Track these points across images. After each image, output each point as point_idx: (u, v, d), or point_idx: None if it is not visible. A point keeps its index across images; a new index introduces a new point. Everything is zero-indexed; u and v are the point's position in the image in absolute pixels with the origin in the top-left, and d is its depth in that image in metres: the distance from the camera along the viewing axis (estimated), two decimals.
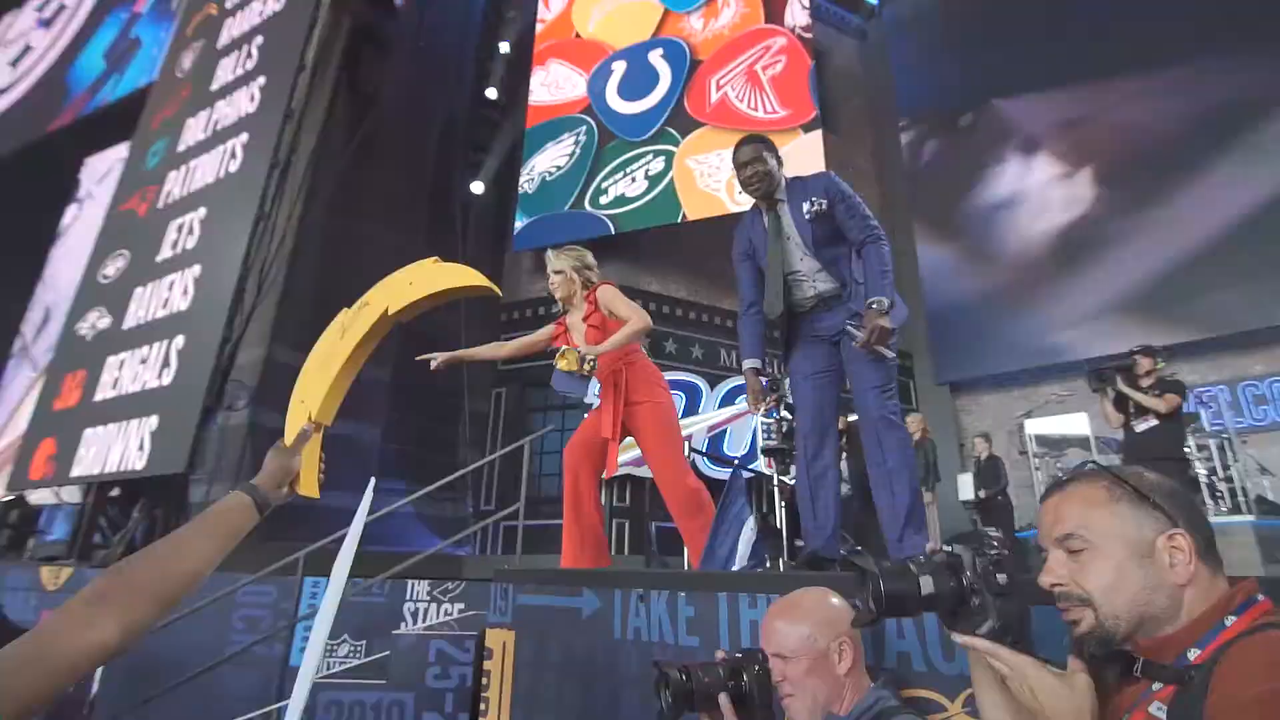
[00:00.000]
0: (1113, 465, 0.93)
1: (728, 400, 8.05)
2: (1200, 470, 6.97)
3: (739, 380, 7.97)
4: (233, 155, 6.76)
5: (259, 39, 7.46)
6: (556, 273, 2.96)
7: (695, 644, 1.83)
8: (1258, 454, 7.44)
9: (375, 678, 2.79)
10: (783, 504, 5.22)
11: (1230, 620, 0.78)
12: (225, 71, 7.65)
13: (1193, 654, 0.78)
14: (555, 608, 2.24)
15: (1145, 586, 0.82)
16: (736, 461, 7.17)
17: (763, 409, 2.49)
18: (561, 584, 2.25)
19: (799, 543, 5.46)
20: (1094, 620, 0.84)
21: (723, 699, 1.30)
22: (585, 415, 3.65)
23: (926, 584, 0.95)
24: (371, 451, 7.44)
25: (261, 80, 6.96)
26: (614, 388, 2.79)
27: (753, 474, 7.50)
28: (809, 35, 8.30)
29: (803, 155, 7.78)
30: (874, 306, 2.14)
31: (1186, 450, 6.72)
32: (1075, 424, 8.19)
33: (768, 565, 5.13)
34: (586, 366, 2.53)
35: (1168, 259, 8.46)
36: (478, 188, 8.92)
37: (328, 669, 3.63)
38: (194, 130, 7.55)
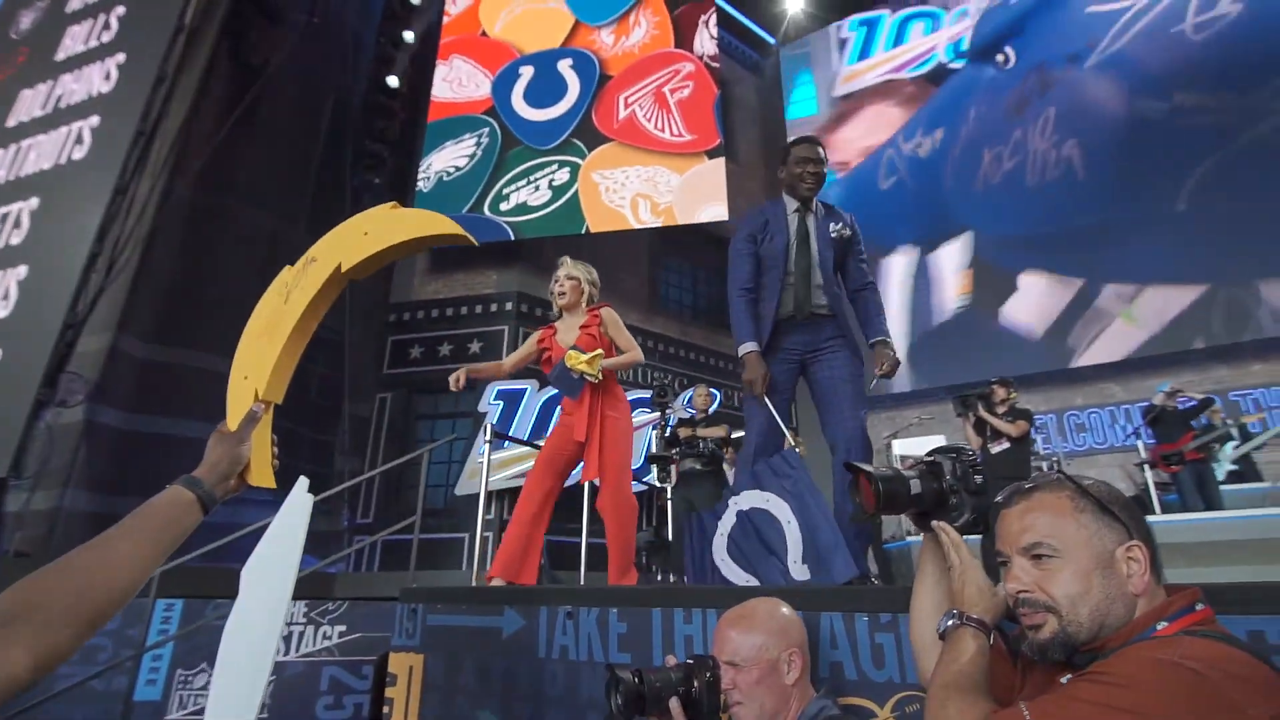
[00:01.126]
0: (1075, 475, 0.96)
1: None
2: None
3: (641, 394, 7.99)
4: (78, 140, 5.99)
5: (120, 9, 6.63)
6: (570, 279, 3.07)
7: (626, 660, 1.80)
8: (1077, 475, 8.55)
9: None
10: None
11: (1161, 625, 0.84)
12: (75, 41, 6.75)
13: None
14: (472, 628, 2.13)
15: (1105, 597, 0.86)
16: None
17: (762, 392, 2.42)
18: (481, 602, 2.14)
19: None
20: (1057, 627, 0.88)
21: (673, 703, 1.29)
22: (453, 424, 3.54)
23: (915, 485, 1.14)
24: None
25: (121, 57, 6.19)
26: (593, 397, 2.90)
27: (646, 486, 7.59)
28: (716, 65, 8.63)
29: (705, 180, 8.04)
30: (888, 341, 2.44)
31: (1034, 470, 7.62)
32: (935, 444, 8.98)
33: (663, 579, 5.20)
34: (598, 374, 2.80)
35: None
36: (371, 178, 8.41)
37: (184, 705, 3.21)
38: (29, 104, 6.60)
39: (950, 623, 1.02)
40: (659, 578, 5.71)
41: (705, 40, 8.63)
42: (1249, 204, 8.12)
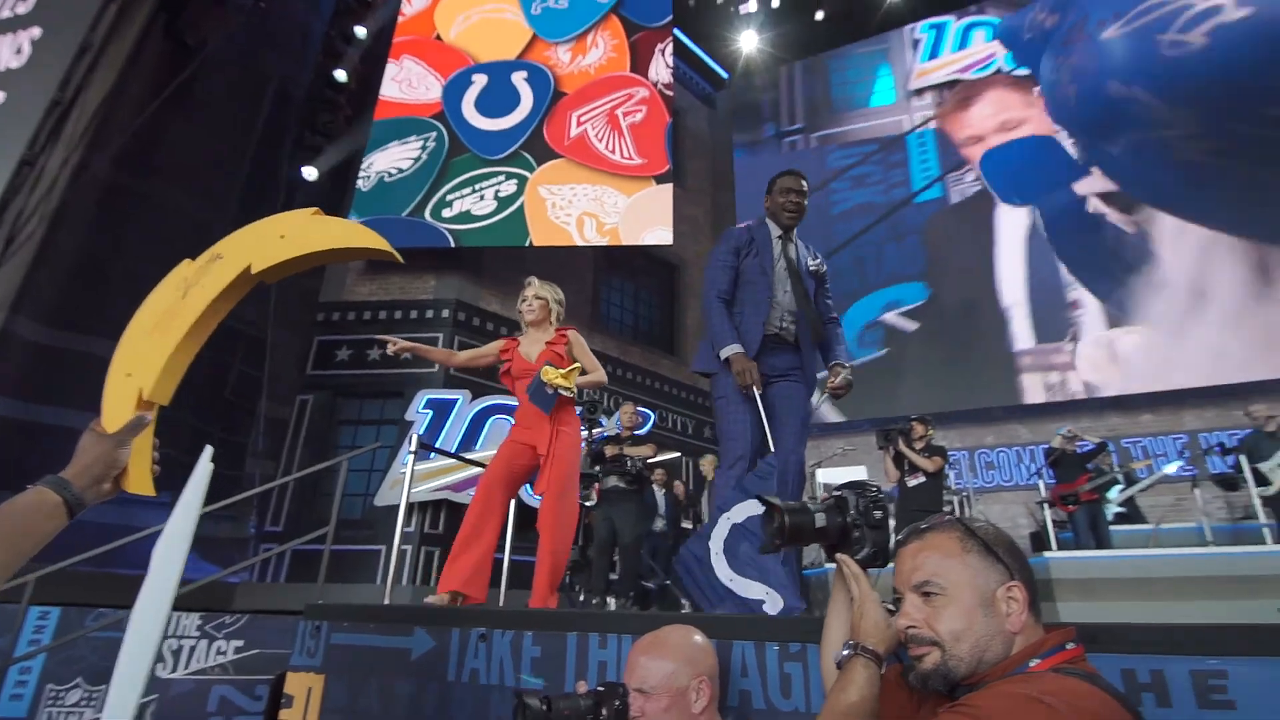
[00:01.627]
0: (964, 517, 1.04)
1: None
2: None
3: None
4: None
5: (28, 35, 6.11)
6: (538, 298, 3.17)
7: (538, 686, 1.78)
8: (984, 509, 9.03)
9: None
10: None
11: (1034, 662, 0.90)
12: None
13: None
14: (380, 649, 2.05)
15: (985, 634, 0.92)
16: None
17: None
18: (390, 621, 2.06)
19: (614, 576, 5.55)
20: (939, 659, 0.93)
21: None
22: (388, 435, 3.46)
23: (820, 519, 1.18)
24: None
25: (36, 32, 5.72)
26: (554, 413, 2.97)
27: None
28: (670, 93, 8.81)
29: (652, 204, 8.15)
30: (848, 365, 2.59)
31: (946, 505, 8.00)
32: (857, 474, 9.33)
33: (584, 598, 5.16)
34: (574, 389, 2.90)
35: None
36: (310, 172, 8.10)
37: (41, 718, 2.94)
38: None
39: (846, 653, 1.07)
40: (580, 598, 5.65)
41: (661, 68, 8.81)
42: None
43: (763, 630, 1.61)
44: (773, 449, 2.37)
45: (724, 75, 12.73)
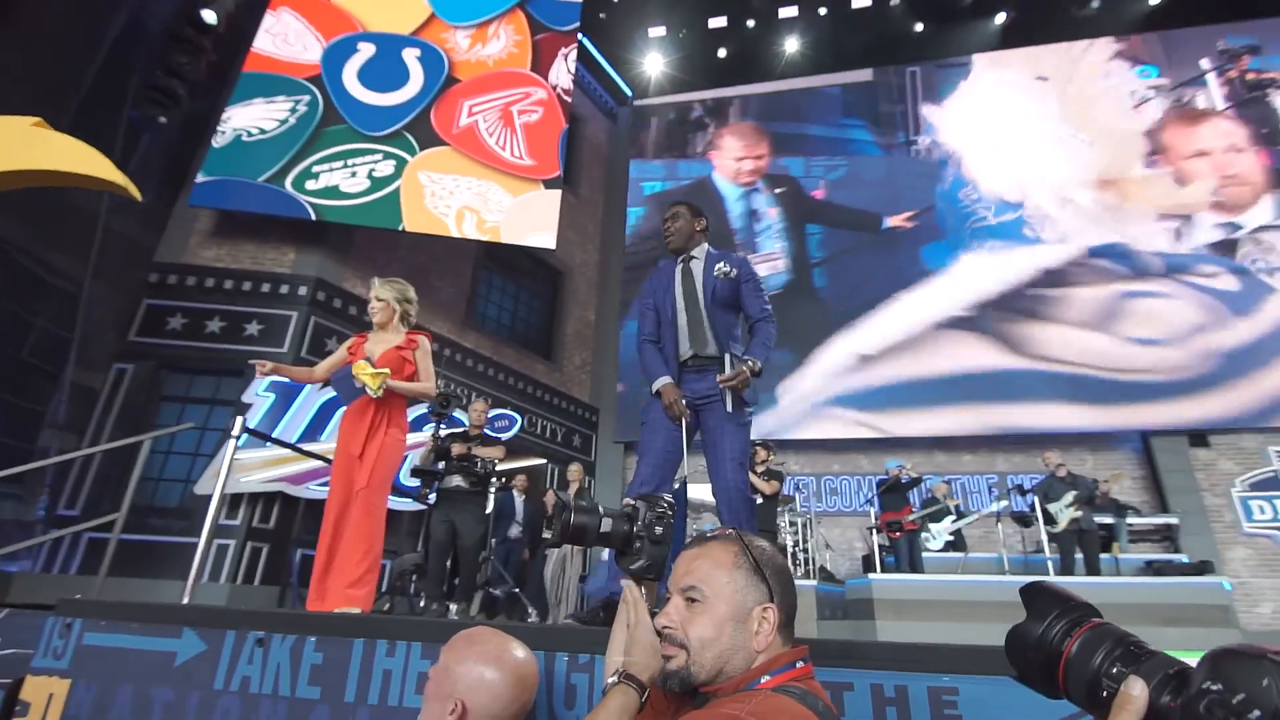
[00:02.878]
0: (747, 534, 1.07)
1: (415, 427, 7.67)
2: (789, 541, 8.78)
3: (421, 409, 7.54)
4: None
5: None
6: (378, 299, 3.16)
7: (315, 695, 1.66)
8: (825, 533, 9.67)
9: None
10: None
11: (765, 679, 0.95)
12: None
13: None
14: (138, 651, 1.82)
15: (730, 646, 0.97)
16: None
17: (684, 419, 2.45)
18: (156, 621, 1.85)
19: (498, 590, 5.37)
20: (683, 663, 0.98)
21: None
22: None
23: (606, 524, 1.19)
24: None
25: None
26: (376, 413, 2.99)
27: (426, 506, 7.19)
28: (569, 99, 8.76)
29: (538, 207, 8.05)
30: (749, 361, 2.45)
31: (779, 525, 8.48)
32: (708, 492, 9.65)
33: (425, 605, 4.93)
34: (380, 391, 2.89)
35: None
36: (156, 115, 7.24)
37: None
38: None
39: (610, 679, 1.08)
40: (421, 604, 5.39)
41: (562, 73, 8.75)
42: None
43: (554, 640, 1.60)
44: (684, 476, 2.45)
45: (628, 93, 12.94)
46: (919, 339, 10.28)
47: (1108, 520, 7.63)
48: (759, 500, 5.41)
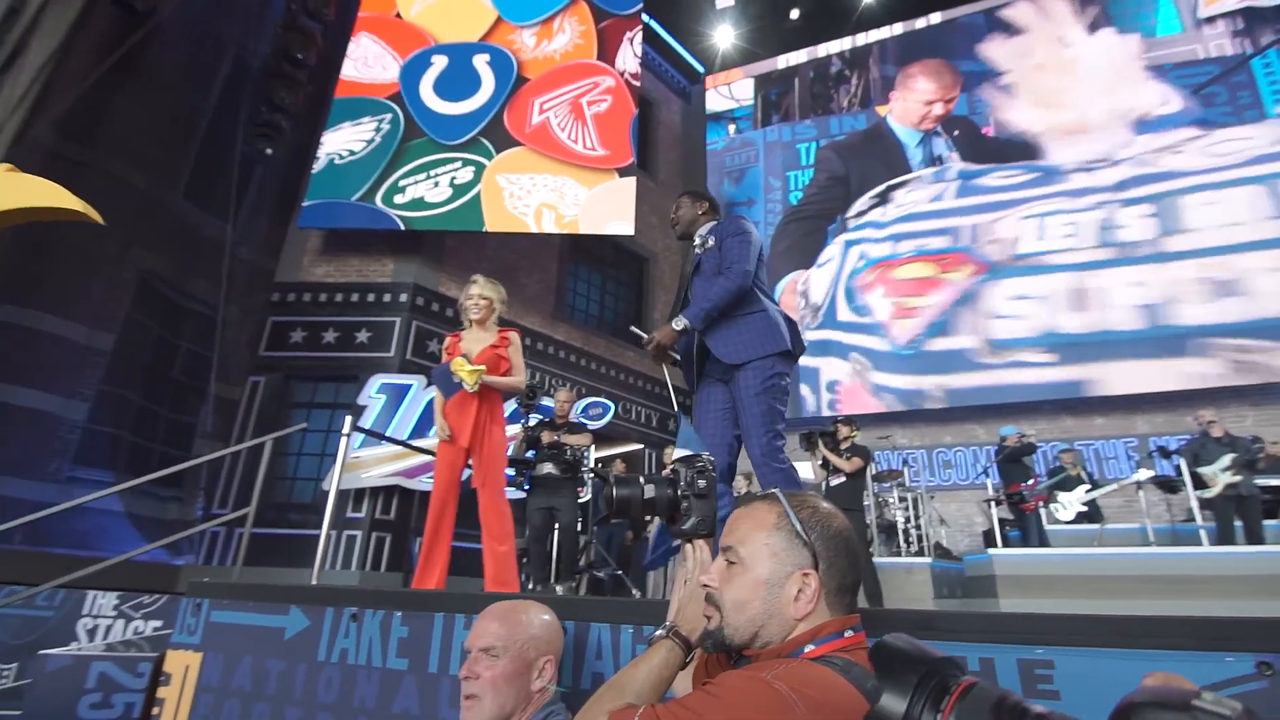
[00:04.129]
0: (796, 495, 1.01)
1: (515, 418, 7.99)
2: (899, 518, 8.39)
3: (511, 403, 7.84)
4: None
5: None
6: (484, 298, 3.30)
7: (403, 666, 1.76)
8: (941, 508, 9.16)
9: (7, 708, 2.25)
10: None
11: (809, 647, 0.90)
12: None
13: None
14: (255, 627, 2.01)
15: (765, 611, 0.93)
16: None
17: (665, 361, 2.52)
18: (268, 600, 2.03)
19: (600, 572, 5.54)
20: (718, 624, 0.95)
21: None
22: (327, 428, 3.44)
23: (649, 490, 1.19)
24: (69, 431, 6.10)
25: None
26: (479, 408, 3.12)
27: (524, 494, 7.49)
28: (637, 83, 8.72)
29: (613, 197, 8.08)
30: (673, 322, 2.38)
31: (889, 500, 8.11)
32: (805, 471, 9.42)
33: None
34: (475, 386, 3.03)
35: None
36: (264, 148, 7.92)
37: None
38: None
39: (658, 632, 1.07)
40: (530, 586, 5.63)
41: (629, 58, 8.71)
42: None
43: (619, 613, 1.60)
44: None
45: (700, 69, 12.72)
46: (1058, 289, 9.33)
47: (1273, 483, 6.69)
48: (841, 479, 5.20)
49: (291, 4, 8.25)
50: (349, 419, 3.70)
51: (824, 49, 12.42)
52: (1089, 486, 7.22)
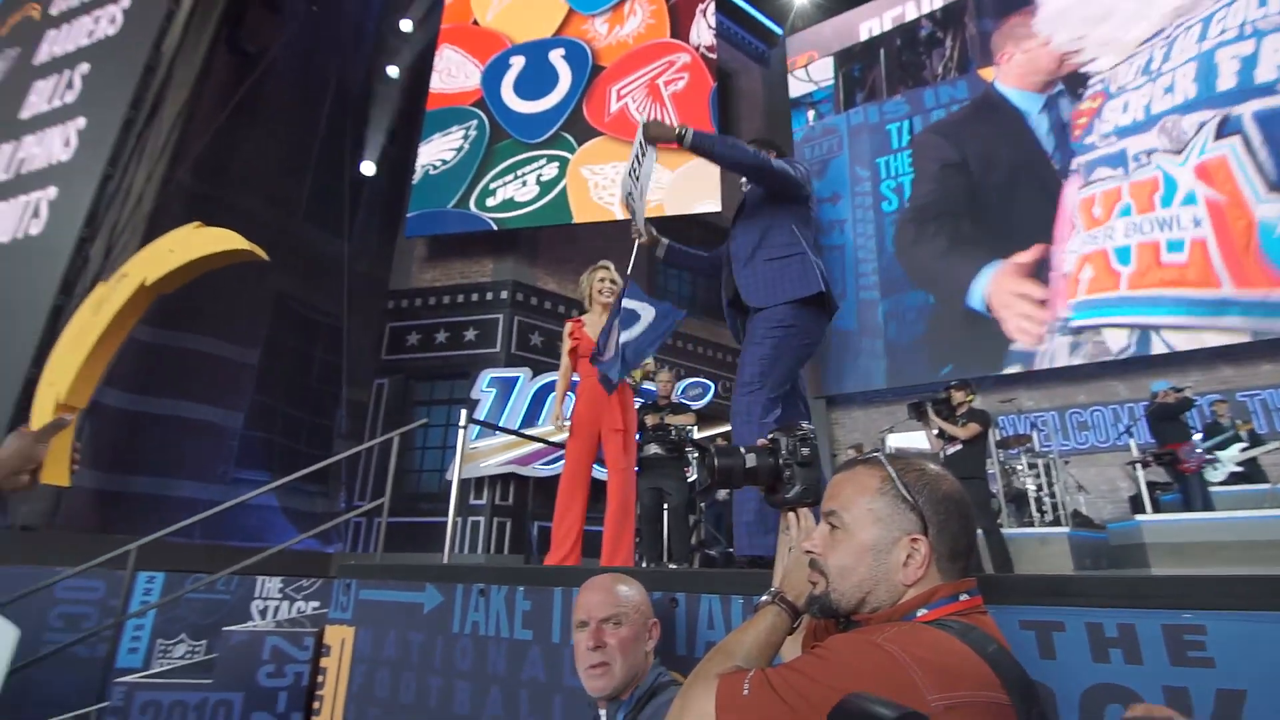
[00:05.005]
0: (902, 458, 0.97)
1: None
2: (1030, 486, 7.84)
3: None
4: (35, 213, 5.96)
5: (84, 66, 6.54)
6: (614, 282, 3.40)
7: (529, 636, 1.88)
8: (1077, 473, 8.45)
9: (200, 677, 2.63)
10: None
11: (922, 611, 0.87)
12: (39, 98, 6.73)
13: None
14: (397, 603, 2.22)
15: (871, 577, 0.90)
16: None
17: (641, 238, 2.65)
18: (405, 579, 2.22)
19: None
20: (824, 589, 0.94)
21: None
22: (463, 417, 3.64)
23: (750, 459, 1.17)
24: (231, 438, 6.91)
25: (81, 123, 6.16)
26: (623, 393, 3.18)
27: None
28: (713, 56, 8.54)
29: (698, 176, 7.99)
30: (690, 134, 2.23)
31: (1017, 468, 7.58)
32: (919, 442, 8.96)
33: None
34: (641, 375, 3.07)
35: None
36: (369, 168, 8.52)
37: (155, 668, 3.37)
38: None
39: (764, 598, 1.07)
40: (644, 565, 5.79)
41: (702, 30, 8.55)
42: None
43: (729, 584, 1.63)
44: None
45: (778, 31, 12.26)
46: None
47: None
48: (958, 447, 4.91)
49: (380, 26, 8.76)
50: (464, 413, 3.96)
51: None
52: (1246, 445, 6.43)
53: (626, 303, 3.06)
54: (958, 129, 10.33)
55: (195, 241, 1.23)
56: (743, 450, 1.19)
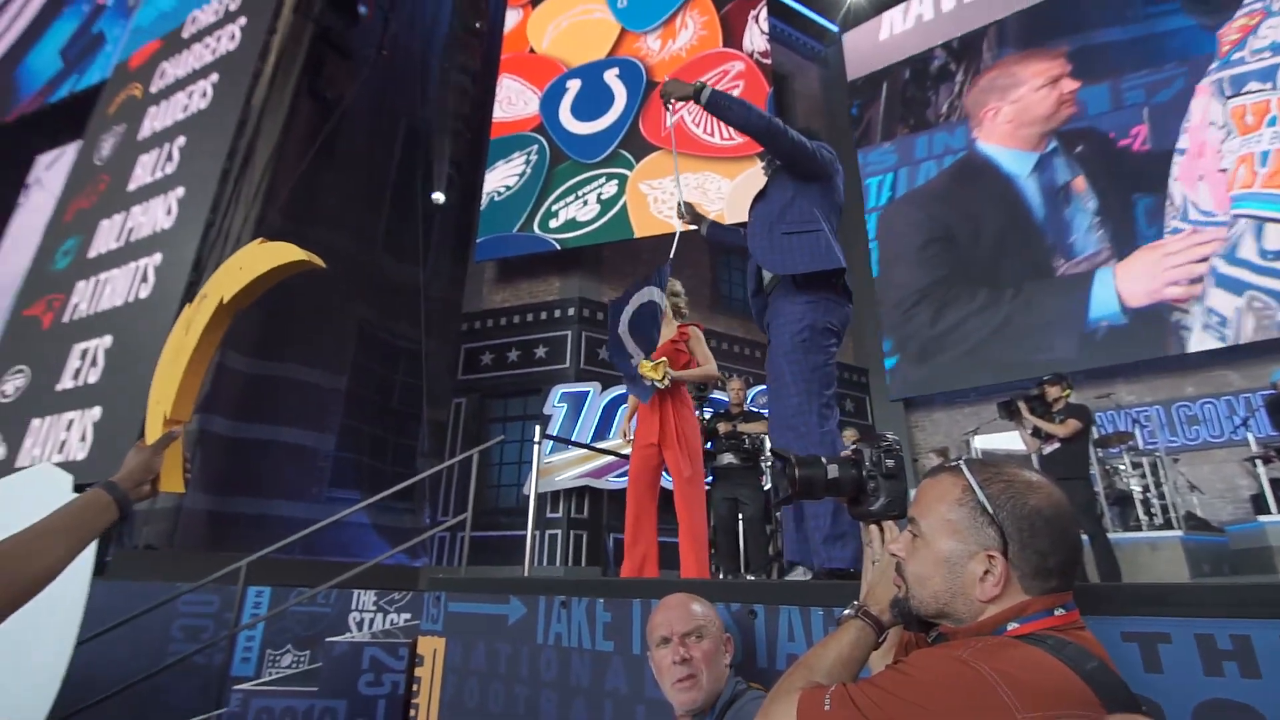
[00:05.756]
0: (990, 466, 0.93)
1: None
2: (1135, 487, 7.31)
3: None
4: (144, 278, 6.44)
5: (181, 139, 7.13)
6: (673, 294, 3.47)
7: (610, 648, 1.92)
8: (1189, 472, 7.81)
9: (308, 685, 2.82)
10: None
11: (1012, 625, 0.84)
12: (144, 171, 7.33)
13: None
14: (484, 615, 2.30)
15: (947, 589, 0.88)
16: None
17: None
18: (490, 592, 2.31)
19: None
20: (905, 593, 0.93)
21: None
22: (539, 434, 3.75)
23: (833, 470, 1.14)
24: (323, 460, 7.34)
25: (180, 192, 6.68)
26: (663, 404, 3.20)
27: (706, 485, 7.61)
28: (767, 61, 8.49)
29: (757, 183, 7.92)
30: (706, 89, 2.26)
31: (1119, 468, 7.08)
32: (1013, 443, 8.50)
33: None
34: (665, 381, 3.09)
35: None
36: (439, 198, 8.92)
37: (265, 676, 3.63)
38: (107, 236, 7.23)
39: (847, 612, 1.07)
40: (721, 576, 5.75)
41: (755, 36, 8.52)
42: None
43: (808, 596, 1.62)
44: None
45: (833, 28, 12.06)
46: None
47: None
48: (1055, 446, 4.62)
49: (444, 65, 9.19)
50: (539, 428, 4.08)
51: None
52: None
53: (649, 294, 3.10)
54: (936, 198, 9.98)
55: (260, 256, 1.34)
56: (825, 461, 1.17)
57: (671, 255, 2.87)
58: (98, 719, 3.64)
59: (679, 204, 2.89)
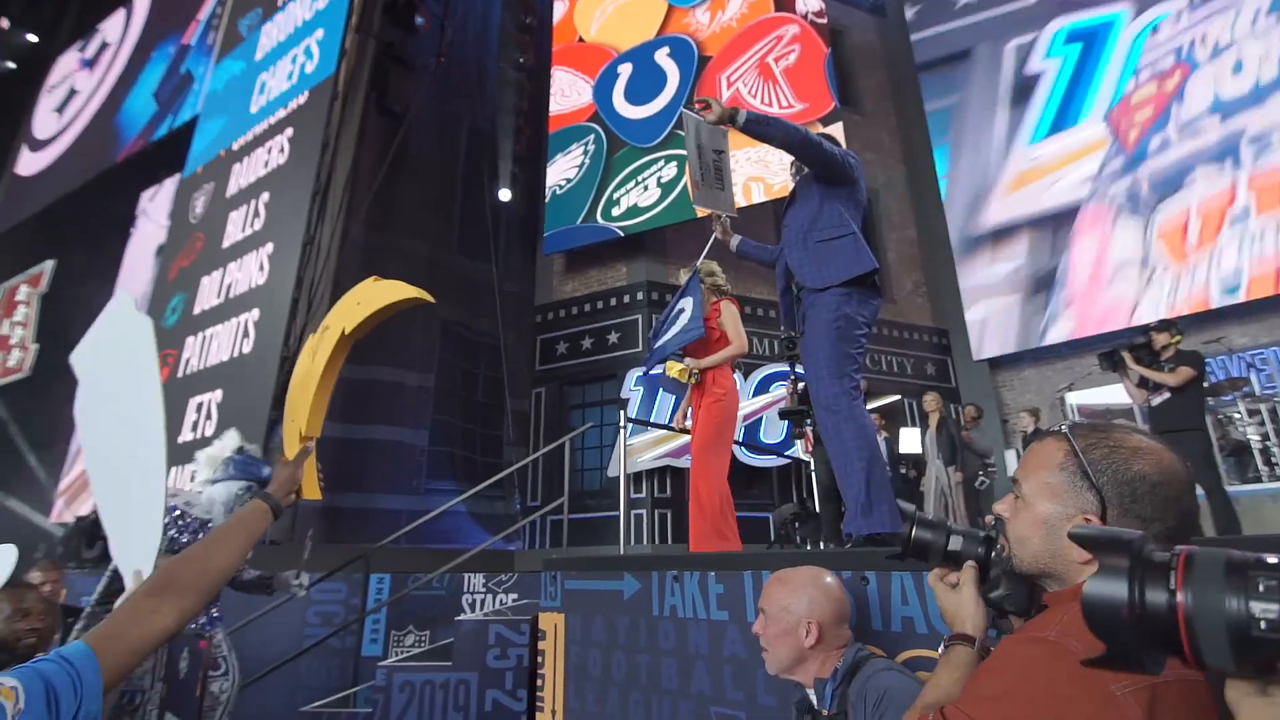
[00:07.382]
0: (1095, 431, 0.92)
1: (762, 388, 8.19)
2: (1253, 436, 6.85)
3: (773, 368, 8.08)
4: (245, 333, 6.77)
5: (265, 195, 7.44)
6: (710, 273, 3.54)
7: (725, 617, 2.02)
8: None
9: (442, 660, 3.08)
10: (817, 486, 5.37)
11: None
12: (235, 228, 7.72)
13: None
14: (600, 591, 2.46)
15: (1047, 551, 0.89)
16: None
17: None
18: (605, 569, 2.46)
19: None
20: (1009, 552, 0.96)
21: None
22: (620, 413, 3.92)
23: (955, 542, 1.07)
24: (419, 454, 7.79)
25: (270, 248, 7.01)
26: (695, 392, 3.32)
27: (789, 460, 7.63)
28: (823, 21, 8.21)
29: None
30: (743, 113, 2.35)
31: (1234, 416, 6.63)
32: (1119, 393, 8.06)
33: (800, 544, 5.28)
34: (692, 378, 3.16)
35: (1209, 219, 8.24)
36: (505, 195, 9.17)
37: (396, 656, 3.97)
38: (208, 292, 7.64)
39: (944, 646, 1.08)
40: (807, 547, 5.78)
41: None
42: None
43: (916, 561, 1.66)
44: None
45: None
46: None
47: None
48: (1166, 396, 4.36)
49: (500, 64, 9.38)
50: (622, 412, 4.22)
51: None
52: None
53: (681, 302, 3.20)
54: None
55: (376, 293, 1.53)
56: (950, 526, 1.09)
57: (704, 256, 3.02)
58: (254, 697, 4.08)
59: (716, 218, 3.05)
